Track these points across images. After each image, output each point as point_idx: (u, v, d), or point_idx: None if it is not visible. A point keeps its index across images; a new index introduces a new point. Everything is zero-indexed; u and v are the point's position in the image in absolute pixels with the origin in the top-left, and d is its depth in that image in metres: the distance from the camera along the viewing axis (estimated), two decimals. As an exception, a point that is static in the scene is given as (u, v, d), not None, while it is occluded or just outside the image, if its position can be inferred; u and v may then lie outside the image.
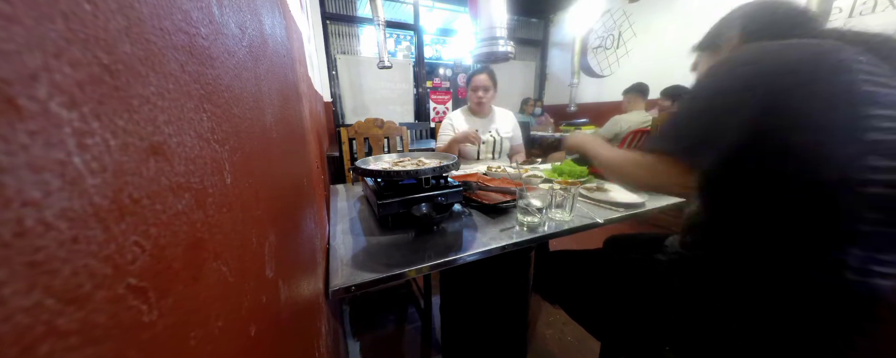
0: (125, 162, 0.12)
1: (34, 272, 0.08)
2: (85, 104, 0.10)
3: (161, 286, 0.13)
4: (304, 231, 0.50)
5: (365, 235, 0.71)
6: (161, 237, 0.14)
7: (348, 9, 3.29)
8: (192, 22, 0.18)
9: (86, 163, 0.10)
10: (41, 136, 0.09)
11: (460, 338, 1.02)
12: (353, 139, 1.61)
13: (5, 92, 0.08)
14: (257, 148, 0.29)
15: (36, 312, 0.08)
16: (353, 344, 1.22)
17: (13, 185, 0.08)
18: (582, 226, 0.75)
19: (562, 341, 1.18)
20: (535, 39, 4.47)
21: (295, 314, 0.36)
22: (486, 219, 0.79)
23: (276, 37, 0.47)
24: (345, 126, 1.71)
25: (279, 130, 0.40)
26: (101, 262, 0.10)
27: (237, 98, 0.25)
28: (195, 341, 0.16)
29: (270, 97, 0.37)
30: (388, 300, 1.48)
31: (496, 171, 1.19)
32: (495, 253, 0.64)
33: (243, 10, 0.29)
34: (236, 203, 0.22)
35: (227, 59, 0.23)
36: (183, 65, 0.17)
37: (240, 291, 0.21)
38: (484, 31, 1.27)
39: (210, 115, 0.19)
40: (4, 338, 0.08)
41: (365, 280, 0.53)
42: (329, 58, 3.22)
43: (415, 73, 3.66)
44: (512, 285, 0.83)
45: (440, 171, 0.74)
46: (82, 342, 0.10)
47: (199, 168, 0.17)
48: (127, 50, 0.12)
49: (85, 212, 0.10)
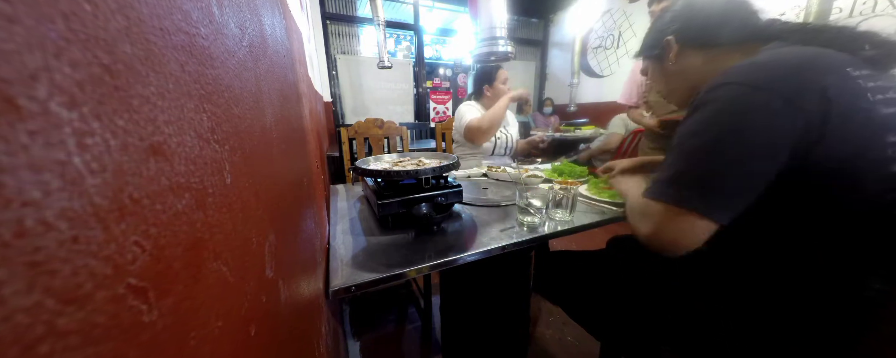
0: (125, 162, 0.12)
1: (34, 272, 0.08)
2: (85, 104, 0.10)
3: (161, 286, 0.13)
4: (304, 231, 0.50)
5: (365, 235, 0.71)
6: (161, 237, 0.14)
7: (348, 9, 3.28)
8: (192, 22, 0.18)
9: (86, 163, 0.10)
10: (41, 136, 0.09)
11: (460, 338, 1.02)
12: (353, 139, 1.61)
13: (5, 92, 0.08)
14: (257, 148, 0.29)
15: (36, 312, 0.08)
16: (353, 344, 1.22)
17: (13, 185, 0.08)
18: (582, 226, 0.75)
19: (562, 341, 1.18)
20: (535, 39, 4.47)
21: (295, 314, 0.36)
22: (486, 219, 0.79)
23: (276, 37, 0.47)
24: (345, 126, 1.71)
25: (279, 130, 0.40)
26: (101, 262, 0.10)
27: (237, 98, 0.25)
28: (195, 341, 0.15)
29: (270, 97, 0.37)
30: (388, 300, 1.48)
31: (496, 171, 1.19)
32: (495, 253, 0.64)
33: (243, 10, 0.29)
34: (236, 203, 0.22)
35: (227, 59, 0.23)
36: (183, 65, 0.17)
37: (240, 291, 0.21)
38: (484, 31, 1.27)
39: (210, 115, 0.19)
40: (4, 338, 0.08)
41: (365, 280, 0.53)
42: (329, 58, 3.22)
43: (415, 73, 3.66)
44: (512, 285, 0.83)
45: (440, 171, 0.74)
46: (82, 342, 0.10)
47: (199, 168, 0.17)
48: (127, 50, 0.12)
49: (85, 212, 0.10)
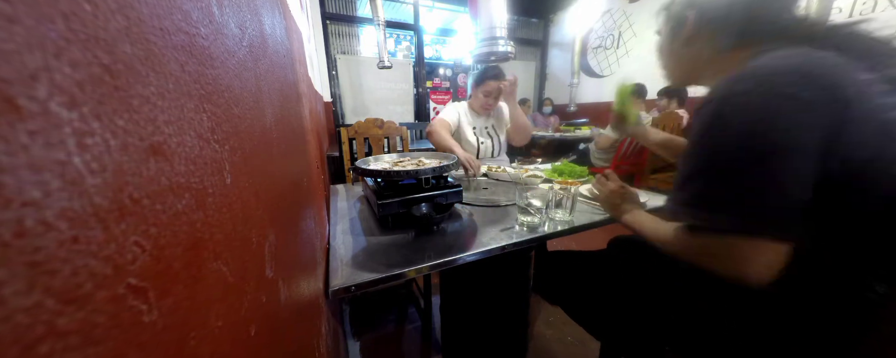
0: (125, 162, 0.12)
1: (34, 272, 0.08)
2: (85, 104, 0.10)
3: (161, 286, 0.13)
4: (304, 231, 0.50)
5: (365, 235, 0.71)
6: (161, 237, 0.14)
7: (348, 9, 3.29)
8: (192, 22, 0.18)
9: (86, 163, 0.10)
10: (41, 136, 0.09)
11: (460, 338, 1.02)
12: (353, 139, 1.61)
13: (5, 92, 0.08)
14: (257, 148, 0.29)
15: (36, 312, 0.08)
16: (353, 344, 1.22)
17: (13, 185, 0.08)
18: (582, 226, 0.75)
19: (562, 341, 1.18)
20: (535, 39, 4.47)
21: (295, 314, 0.36)
22: (486, 219, 0.79)
23: (276, 37, 0.47)
24: (345, 126, 1.71)
25: (279, 130, 0.40)
26: (101, 262, 0.10)
27: (237, 98, 0.25)
28: (195, 341, 0.16)
29: (270, 97, 0.37)
30: (388, 300, 1.48)
31: (496, 171, 1.19)
32: (495, 253, 0.64)
33: (243, 10, 0.29)
34: (236, 203, 0.22)
35: (227, 59, 0.23)
36: (183, 65, 0.17)
37: (240, 291, 0.21)
38: (484, 31, 1.27)
39: (210, 115, 0.19)
40: (4, 338, 0.08)
41: (365, 280, 0.53)
42: (329, 58, 3.22)
43: (415, 73, 3.66)
44: (512, 285, 0.83)
45: (440, 171, 0.74)
46: (82, 342, 0.10)
47: (199, 168, 0.17)
48: (127, 50, 0.12)
49: (85, 212, 0.10)
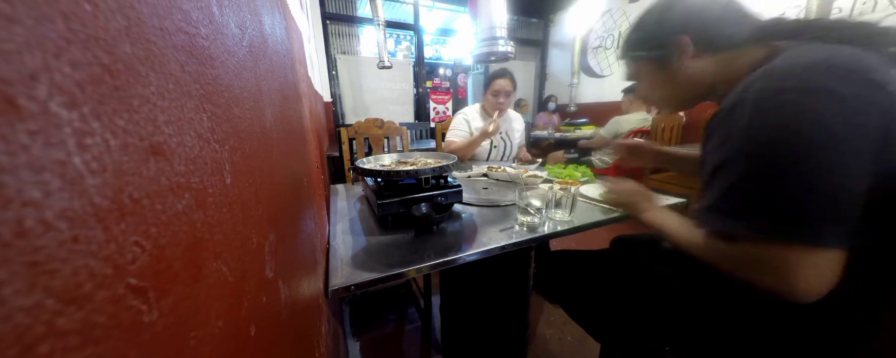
0: (125, 162, 0.12)
1: (34, 272, 0.08)
2: (85, 104, 0.10)
3: (161, 286, 0.13)
4: (304, 231, 0.50)
5: (365, 235, 0.71)
6: (161, 237, 0.14)
7: (348, 9, 3.28)
8: (192, 22, 0.18)
9: (86, 163, 0.10)
10: (41, 136, 0.09)
11: (460, 338, 1.02)
12: (353, 139, 1.61)
13: (5, 92, 0.08)
14: (257, 148, 0.29)
15: (36, 312, 0.08)
16: (353, 344, 1.22)
17: (13, 185, 0.08)
18: (582, 226, 0.75)
19: (562, 341, 1.18)
20: (535, 39, 4.46)
21: (295, 314, 0.36)
22: (486, 219, 0.79)
23: (276, 37, 0.47)
24: (345, 126, 1.71)
25: (279, 130, 0.40)
26: (101, 262, 0.10)
27: (237, 98, 0.25)
28: (195, 341, 0.16)
29: (270, 97, 0.37)
30: (388, 300, 1.47)
31: (496, 171, 1.19)
32: (495, 253, 0.64)
33: (243, 10, 0.29)
34: (236, 203, 0.22)
35: (227, 59, 0.23)
36: (183, 65, 0.17)
37: (240, 291, 0.21)
38: (484, 31, 1.27)
39: (210, 115, 0.19)
40: (4, 338, 0.08)
41: (365, 280, 0.53)
42: (329, 58, 3.22)
43: (415, 73, 3.66)
44: (512, 285, 0.83)
45: (440, 171, 0.74)
46: (82, 342, 0.10)
47: (199, 168, 0.17)
48: (127, 50, 0.12)
49: (85, 212, 0.10)
